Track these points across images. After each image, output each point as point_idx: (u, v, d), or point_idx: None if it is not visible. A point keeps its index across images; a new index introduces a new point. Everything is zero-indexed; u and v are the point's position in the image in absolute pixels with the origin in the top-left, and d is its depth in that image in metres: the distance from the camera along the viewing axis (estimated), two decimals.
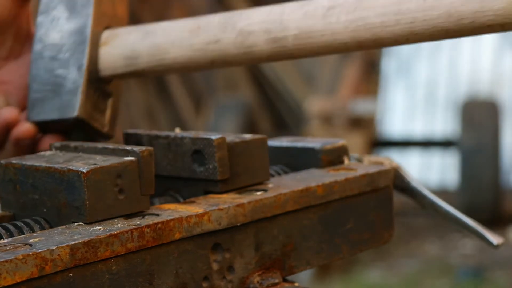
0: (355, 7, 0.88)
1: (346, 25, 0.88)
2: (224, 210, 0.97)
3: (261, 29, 0.93)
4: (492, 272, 5.61)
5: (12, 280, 0.80)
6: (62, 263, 0.84)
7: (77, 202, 0.92)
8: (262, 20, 0.93)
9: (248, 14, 0.95)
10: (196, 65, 1.00)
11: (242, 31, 0.94)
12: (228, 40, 0.95)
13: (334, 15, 0.89)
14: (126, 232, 0.89)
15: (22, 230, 0.94)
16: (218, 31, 0.96)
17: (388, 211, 1.15)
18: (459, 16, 0.83)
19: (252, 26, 0.94)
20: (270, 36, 0.92)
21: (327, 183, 1.06)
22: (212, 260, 0.97)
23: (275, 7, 0.95)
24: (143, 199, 0.96)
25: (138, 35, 1.04)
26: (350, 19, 0.88)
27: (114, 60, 1.05)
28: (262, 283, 1.00)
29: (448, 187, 7.72)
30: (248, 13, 0.96)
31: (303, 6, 0.92)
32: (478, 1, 0.82)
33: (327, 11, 0.89)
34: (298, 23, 0.91)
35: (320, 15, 0.90)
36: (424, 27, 0.85)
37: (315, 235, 1.07)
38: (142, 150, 0.97)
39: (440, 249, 6.24)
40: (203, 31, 0.97)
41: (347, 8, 0.88)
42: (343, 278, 5.56)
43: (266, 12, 0.94)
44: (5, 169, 1.00)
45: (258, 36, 0.93)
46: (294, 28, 0.91)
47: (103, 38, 1.09)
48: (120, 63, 1.05)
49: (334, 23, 0.89)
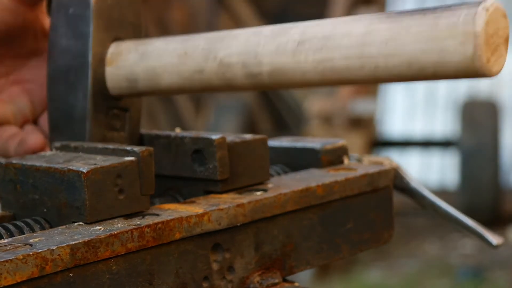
0: (322, 46, 0.90)
1: (315, 65, 0.90)
2: (224, 210, 0.97)
3: (238, 62, 0.95)
4: (492, 272, 5.62)
5: (13, 280, 0.80)
6: (63, 263, 0.84)
7: (77, 202, 0.93)
8: (239, 51, 0.95)
9: (228, 43, 0.97)
10: (188, 91, 1.02)
11: (222, 63, 0.96)
12: (211, 70, 0.97)
13: (303, 52, 0.91)
14: (126, 232, 0.89)
15: (22, 230, 0.95)
16: (202, 60, 0.98)
17: (388, 211, 1.15)
18: (420, 66, 0.85)
19: (231, 58, 0.96)
20: (247, 70, 0.95)
21: (327, 183, 1.06)
22: (212, 260, 0.97)
23: (252, 36, 0.96)
24: (143, 199, 0.96)
25: (136, 56, 1.05)
26: (317, 59, 0.90)
27: (119, 81, 1.06)
28: (262, 283, 1.01)
29: (448, 187, 7.72)
30: (229, 40, 0.97)
31: (276, 36, 0.94)
32: (437, 51, 0.83)
33: (297, 47, 0.91)
34: (271, 58, 0.93)
35: (291, 51, 0.92)
36: (388, 74, 0.89)
37: (315, 235, 1.07)
38: (142, 150, 0.97)
39: (440, 249, 6.24)
40: (189, 58, 0.99)
41: (315, 46, 0.90)
42: (343, 278, 5.56)
43: (244, 41, 0.96)
44: (5, 169, 1.00)
45: (237, 70, 0.95)
46: (267, 63, 0.93)
47: (109, 56, 1.07)
48: (124, 84, 1.05)
49: (303, 62, 0.91)
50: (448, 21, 0.84)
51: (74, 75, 1.08)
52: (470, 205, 6.47)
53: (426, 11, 0.86)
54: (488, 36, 0.83)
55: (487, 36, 0.82)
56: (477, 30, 0.82)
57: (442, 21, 0.84)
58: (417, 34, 0.85)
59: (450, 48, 0.83)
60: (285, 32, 0.93)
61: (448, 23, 0.84)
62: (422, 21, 0.85)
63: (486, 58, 0.82)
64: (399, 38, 0.86)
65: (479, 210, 6.41)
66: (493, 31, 0.83)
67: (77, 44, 1.08)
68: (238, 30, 0.98)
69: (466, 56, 0.82)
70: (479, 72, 0.83)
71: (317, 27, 0.92)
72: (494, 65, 0.84)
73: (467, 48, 0.82)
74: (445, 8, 0.85)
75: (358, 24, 0.89)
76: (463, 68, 0.83)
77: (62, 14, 1.09)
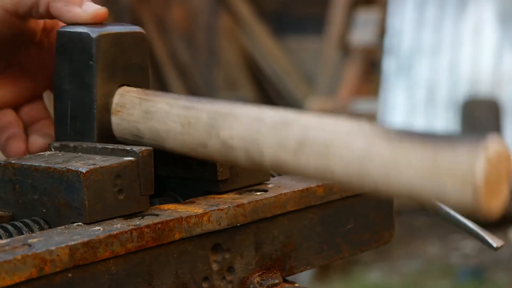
0: (323, 154, 0.89)
1: (315, 171, 0.90)
2: (224, 211, 0.97)
3: (241, 147, 0.96)
4: (493, 272, 5.61)
5: (11, 280, 0.80)
6: (61, 264, 0.84)
7: (76, 203, 0.92)
8: (241, 135, 0.95)
9: (230, 122, 0.96)
10: (194, 157, 1.02)
11: (224, 143, 0.97)
12: (214, 148, 0.98)
13: (304, 155, 0.91)
14: (125, 232, 0.89)
15: (21, 231, 0.94)
16: (205, 135, 0.98)
17: (388, 211, 1.15)
18: (419, 197, 0.84)
19: (233, 141, 0.96)
20: (249, 156, 0.95)
21: (327, 183, 1.06)
22: (212, 260, 0.97)
23: (253, 121, 0.95)
24: (142, 199, 0.96)
25: (140, 113, 1.04)
26: (318, 166, 0.89)
27: (124, 134, 1.05)
28: (262, 284, 1.00)
29: None
30: (230, 120, 0.97)
31: (277, 131, 0.93)
32: (436, 189, 0.81)
33: (299, 148, 0.91)
34: (272, 151, 0.93)
35: (292, 150, 0.91)
36: (388, 194, 0.89)
37: (315, 235, 1.06)
38: (141, 150, 0.96)
39: (441, 249, 6.24)
40: (193, 129, 0.99)
41: (316, 151, 0.89)
42: (343, 278, 5.56)
43: (246, 125, 0.95)
44: (4, 169, 1.00)
45: (239, 153, 0.96)
46: (269, 155, 0.93)
47: (114, 106, 1.06)
48: (129, 137, 1.05)
49: (304, 165, 0.91)
50: (447, 160, 0.80)
51: (80, 122, 1.06)
52: None
53: (426, 139, 0.82)
54: (489, 183, 0.79)
55: (487, 184, 0.78)
56: (477, 181, 0.78)
57: (441, 158, 0.80)
58: (417, 167, 0.81)
59: (449, 190, 0.80)
60: (286, 127, 0.92)
61: (447, 163, 0.80)
62: (422, 152, 0.81)
63: (486, 204, 0.79)
64: (399, 168, 0.83)
65: None
66: (495, 178, 0.79)
67: (81, 93, 1.06)
68: (239, 108, 0.97)
69: (466, 201, 0.79)
70: (480, 213, 0.80)
71: (317, 131, 0.90)
72: (495, 206, 0.80)
73: (466, 194, 0.79)
74: (446, 140, 0.81)
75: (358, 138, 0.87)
76: (463, 209, 0.81)
77: (66, 60, 1.06)
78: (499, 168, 0.80)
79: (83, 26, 1.05)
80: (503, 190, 0.81)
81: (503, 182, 0.81)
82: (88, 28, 1.05)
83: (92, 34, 1.03)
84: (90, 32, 1.03)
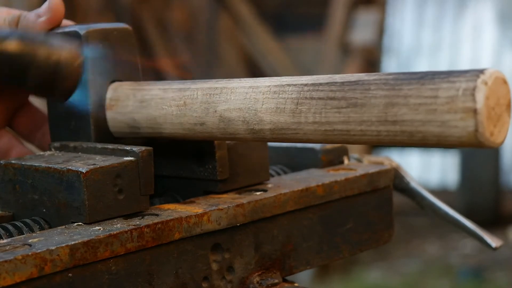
0: (321, 109, 0.89)
1: (316, 127, 0.90)
2: (224, 210, 0.97)
3: (239, 118, 0.95)
4: (492, 272, 5.61)
5: (12, 280, 0.80)
6: (62, 263, 0.84)
7: (76, 202, 0.92)
8: (239, 107, 0.95)
9: (225, 96, 0.96)
10: (192, 139, 1.01)
11: (222, 117, 0.97)
12: (212, 124, 0.98)
13: (303, 114, 0.90)
14: (125, 232, 0.89)
15: (21, 230, 0.94)
16: (202, 112, 0.98)
17: (388, 211, 1.15)
18: (421, 137, 0.83)
19: (231, 113, 0.96)
20: (249, 127, 0.95)
21: (327, 183, 1.06)
22: (212, 260, 0.97)
23: (249, 91, 0.95)
24: (142, 199, 0.96)
25: (135, 103, 1.04)
26: (318, 122, 0.89)
27: (121, 127, 1.06)
28: (262, 283, 1.00)
29: (448, 187, 7.72)
30: (226, 94, 0.96)
31: (274, 95, 0.93)
32: (438, 125, 0.81)
33: (296, 107, 0.90)
34: (271, 117, 0.93)
35: (290, 111, 0.91)
36: (390, 140, 0.87)
37: (315, 235, 1.06)
38: (141, 150, 0.97)
39: (440, 249, 6.24)
40: (189, 109, 0.99)
41: (314, 108, 0.89)
42: (343, 278, 5.56)
43: (242, 97, 0.95)
44: (4, 169, 1.00)
45: (238, 125, 0.95)
46: (268, 122, 0.93)
47: (108, 99, 1.06)
48: (126, 130, 1.05)
49: (303, 123, 0.90)
50: (447, 95, 0.80)
51: (75, 121, 1.07)
52: (470, 205, 6.47)
53: (424, 79, 0.83)
54: (490, 109, 0.79)
55: (488, 110, 0.79)
56: (478, 107, 0.79)
57: (441, 94, 0.81)
58: (416, 106, 0.82)
59: (451, 123, 0.80)
60: (282, 91, 0.92)
61: (447, 97, 0.80)
62: (420, 92, 0.82)
63: (489, 133, 0.79)
64: (398, 109, 0.83)
65: (479, 210, 6.41)
66: (494, 103, 0.80)
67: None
68: (233, 82, 0.97)
69: (469, 131, 0.79)
70: (483, 145, 0.80)
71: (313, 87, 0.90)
72: (498, 137, 0.81)
73: (468, 124, 0.79)
74: (443, 76, 0.82)
75: (355, 86, 0.87)
76: (467, 141, 0.80)
77: None
78: (498, 97, 0.81)
79: (71, 26, 1.08)
80: (505, 121, 0.81)
81: (505, 112, 0.81)
82: (76, 26, 1.08)
83: (80, 31, 1.06)
84: (78, 30, 1.06)
